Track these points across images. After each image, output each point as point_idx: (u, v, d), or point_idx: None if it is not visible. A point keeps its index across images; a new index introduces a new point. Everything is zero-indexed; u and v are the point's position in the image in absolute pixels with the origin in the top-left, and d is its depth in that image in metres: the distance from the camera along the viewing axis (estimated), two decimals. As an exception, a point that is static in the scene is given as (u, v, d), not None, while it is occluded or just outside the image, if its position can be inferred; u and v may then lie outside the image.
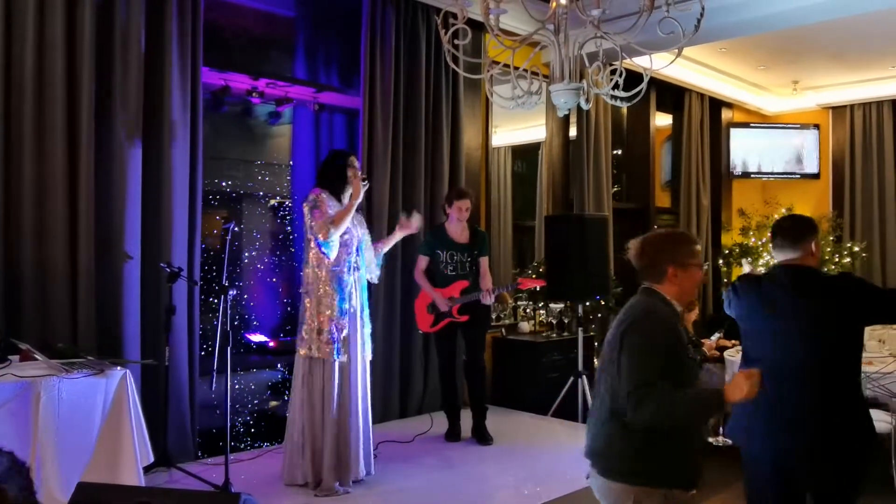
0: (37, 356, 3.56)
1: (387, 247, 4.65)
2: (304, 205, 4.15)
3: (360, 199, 4.17)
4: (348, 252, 4.18)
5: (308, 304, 4.14)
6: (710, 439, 5.62)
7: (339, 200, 4.22)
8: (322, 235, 4.00)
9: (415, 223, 4.69)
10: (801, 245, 2.93)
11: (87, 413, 3.41)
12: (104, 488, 2.53)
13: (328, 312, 4.09)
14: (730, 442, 3.24)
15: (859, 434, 2.87)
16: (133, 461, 3.48)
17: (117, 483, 3.31)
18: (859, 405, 2.94)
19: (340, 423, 4.10)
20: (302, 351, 4.12)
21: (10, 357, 3.58)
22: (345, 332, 4.12)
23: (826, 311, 2.84)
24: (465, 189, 5.64)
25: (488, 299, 5.12)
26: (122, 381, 3.53)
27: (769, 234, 3.57)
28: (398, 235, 4.69)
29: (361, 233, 4.32)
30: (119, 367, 3.60)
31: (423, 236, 5.43)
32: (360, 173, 4.26)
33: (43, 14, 4.03)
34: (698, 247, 2.59)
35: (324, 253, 4.06)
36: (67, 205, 4.09)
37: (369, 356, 4.34)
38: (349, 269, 4.19)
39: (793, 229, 2.98)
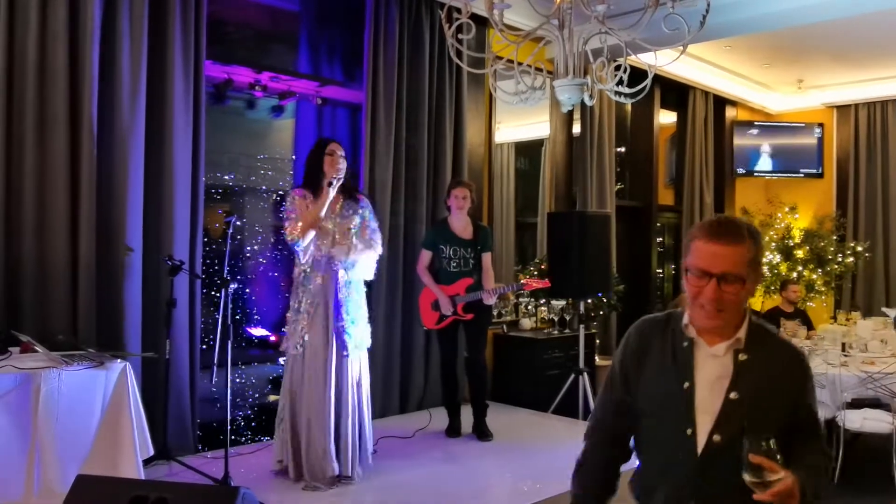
0: (37, 348, 3.56)
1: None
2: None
3: (326, 204, 4.07)
4: (319, 250, 4.13)
5: (291, 301, 4.22)
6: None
7: (319, 194, 4.15)
8: (290, 237, 4.04)
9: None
10: None
11: (86, 405, 3.41)
12: (103, 481, 2.53)
13: (295, 308, 4.14)
14: None
15: None
16: (133, 454, 3.48)
17: (116, 476, 3.32)
18: None
19: (306, 418, 4.07)
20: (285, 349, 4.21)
21: (10, 349, 3.58)
22: (301, 329, 4.10)
23: None
24: (463, 178, 5.64)
25: (490, 300, 5.12)
26: (122, 374, 3.53)
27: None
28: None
29: (350, 227, 4.19)
30: (119, 360, 3.59)
31: (426, 231, 5.43)
32: (338, 171, 4.15)
33: (46, 5, 4.01)
34: (699, 242, 1.86)
35: (296, 253, 4.10)
36: (69, 197, 4.08)
37: (350, 354, 4.13)
38: (316, 267, 4.13)
39: None
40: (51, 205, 4.04)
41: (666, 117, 8.91)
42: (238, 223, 5.57)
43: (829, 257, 8.83)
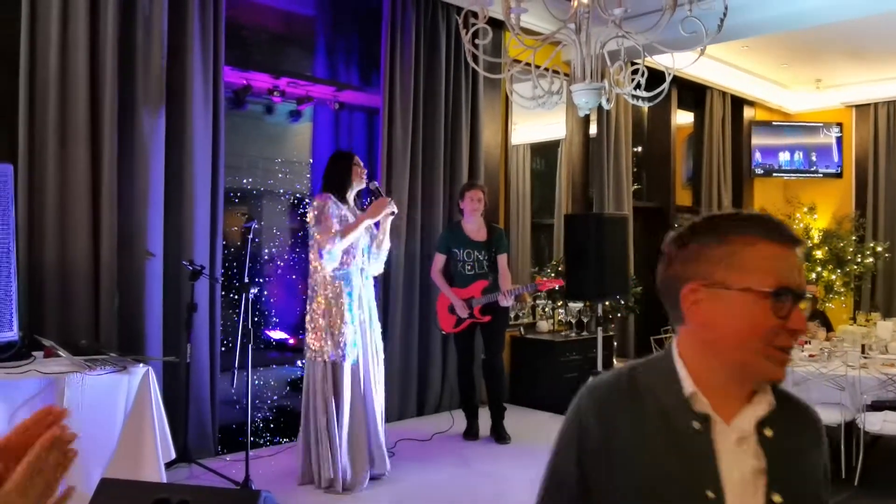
0: (60, 353, 3.60)
1: (384, 235, 4.34)
2: (310, 210, 4.17)
3: (376, 218, 4.21)
4: (354, 256, 4.18)
5: (316, 308, 4.14)
6: None
7: (345, 200, 4.23)
8: (327, 245, 4.01)
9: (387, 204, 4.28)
10: None
11: (109, 409, 3.44)
12: (127, 484, 2.56)
13: (339, 316, 4.08)
14: None
15: None
16: (155, 457, 3.51)
17: (139, 479, 3.35)
18: None
19: (356, 423, 4.10)
20: (314, 356, 4.11)
21: (34, 353, 3.61)
22: (356, 335, 4.13)
23: None
24: (476, 181, 5.65)
25: (506, 301, 5.11)
26: (144, 378, 3.56)
27: None
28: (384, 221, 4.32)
29: (371, 234, 4.34)
30: (141, 364, 3.62)
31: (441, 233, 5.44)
32: (384, 195, 4.32)
33: (66, 14, 4.06)
34: (763, 246, 1.16)
35: (323, 262, 4.08)
36: (90, 203, 4.12)
37: (381, 355, 4.35)
38: (357, 272, 4.19)
39: None
40: (72, 210, 4.08)
41: (683, 117, 8.87)
42: (257, 227, 5.61)
43: (849, 258, 8.76)
